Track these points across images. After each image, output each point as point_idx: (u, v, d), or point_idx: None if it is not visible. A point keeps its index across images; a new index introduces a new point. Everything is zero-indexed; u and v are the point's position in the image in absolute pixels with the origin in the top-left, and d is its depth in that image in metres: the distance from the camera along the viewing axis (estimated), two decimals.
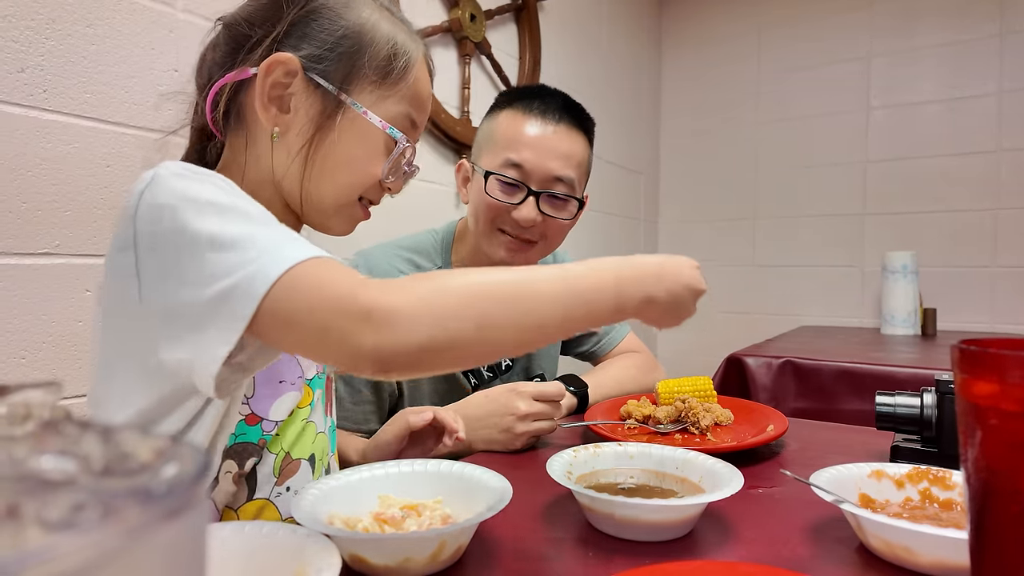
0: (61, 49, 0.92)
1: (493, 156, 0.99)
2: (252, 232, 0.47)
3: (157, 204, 0.49)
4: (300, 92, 0.61)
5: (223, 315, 0.44)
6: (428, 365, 0.46)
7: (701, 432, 0.86)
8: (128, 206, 0.51)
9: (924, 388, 0.75)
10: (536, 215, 0.97)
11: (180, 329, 0.47)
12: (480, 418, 0.84)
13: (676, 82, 2.89)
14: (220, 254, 0.45)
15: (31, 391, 0.20)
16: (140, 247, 0.49)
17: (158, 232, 0.48)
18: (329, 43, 0.61)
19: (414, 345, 0.44)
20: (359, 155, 0.63)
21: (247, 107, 0.62)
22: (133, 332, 0.52)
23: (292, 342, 0.46)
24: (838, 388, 1.55)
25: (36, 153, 0.90)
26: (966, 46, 2.30)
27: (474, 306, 0.46)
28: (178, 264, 0.47)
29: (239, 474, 0.62)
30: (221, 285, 0.45)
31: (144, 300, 0.50)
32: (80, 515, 0.14)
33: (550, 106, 0.99)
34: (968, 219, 2.30)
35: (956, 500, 0.57)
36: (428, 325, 0.44)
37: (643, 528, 0.55)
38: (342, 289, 0.44)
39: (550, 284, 0.48)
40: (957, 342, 0.37)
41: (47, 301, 0.92)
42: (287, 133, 0.61)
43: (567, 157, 0.98)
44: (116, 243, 0.52)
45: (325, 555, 0.42)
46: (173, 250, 0.47)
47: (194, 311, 0.46)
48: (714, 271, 2.81)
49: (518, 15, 1.94)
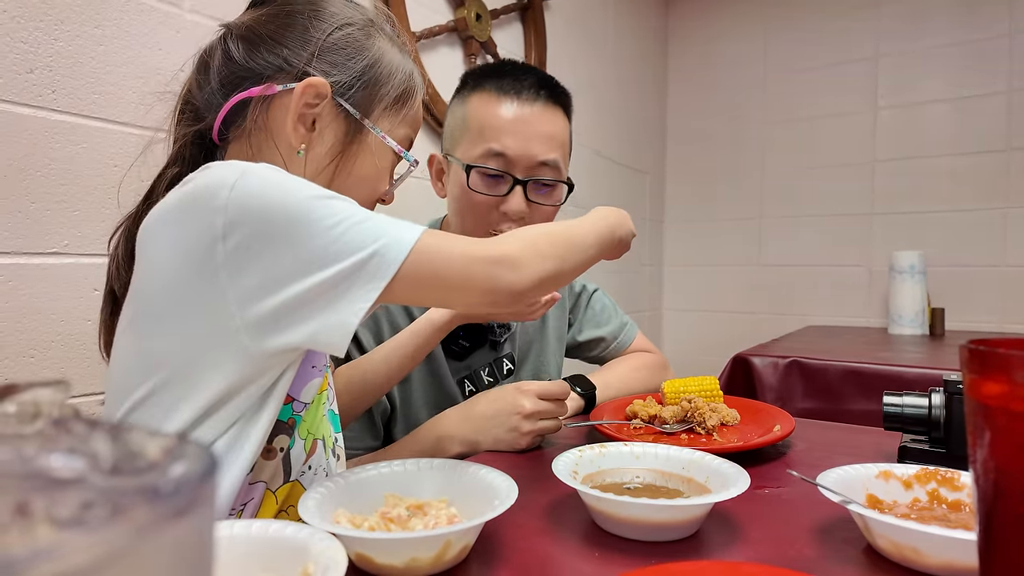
0: (69, 50, 0.93)
1: (471, 146, 0.93)
2: (367, 213, 0.55)
3: (261, 195, 0.52)
4: (326, 114, 0.66)
5: (361, 280, 0.52)
6: (543, 290, 0.61)
7: (707, 432, 0.86)
8: (211, 198, 0.51)
9: (932, 388, 0.75)
10: (525, 206, 0.93)
11: (310, 308, 0.52)
12: (486, 417, 0.84)
13: (682, 82, 2.89)
14: (351, 233, 0.52)
15: (40, 390, 0.20)
16: (239, 239, 0.51)
17: (273, 224, 0.51)
18: (356, 72, 0.67)
19: (535, 277, 0.59)
20: (373, 174, 0.70)
21: (260, 120, 0.64)
22: (208, 325, 0.53)
23: (437, 294, 0.58)
24: (845, 388, 1.54)
25: (45, 153, 0.91)
26: (975, 46, 2.28)
27: (557, 246, 0.62)
28: (306, 250, 0.51)
29: (269, 448, 0.63)
30: (359, 256, 0.52)
31: (240, 291, 0.52)
32: (89, 513, 0.14)
33: (524, 84, 0.93)
34: (977, 218, 2.29)
35: (965, 501, 0.56)
36: (539, 263, 0.59)
37: (649, 528, 0.55)
38: (470, 246, 0.57)
39: (586, 231, 0.68)
40: (965, 342, 0.37)
41: (56, 300, 0.93)
42: (309, 150, 0.66)
43: (550, 138, 0.93)
44: (186, 237, 0.53)
45: (331, 554, 0.42)
46: (294, 239, 0.51)
47: (330, 287, 0.52)
48: (720, 271, 2.81)
49: (524, 15, 1.94)
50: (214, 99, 0.66)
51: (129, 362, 0.58)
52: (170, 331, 0.55)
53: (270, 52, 0.64)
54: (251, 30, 0.66)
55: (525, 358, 1.13)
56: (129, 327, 0.58)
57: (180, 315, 0.54)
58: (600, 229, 0.70)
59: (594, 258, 0.69)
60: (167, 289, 0.54)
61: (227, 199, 0.51)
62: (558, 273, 0.61)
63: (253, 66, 0.64)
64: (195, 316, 0.54)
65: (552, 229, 0.64)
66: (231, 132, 0.66)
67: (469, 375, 1.04)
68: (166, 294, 0.55)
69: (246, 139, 0.66)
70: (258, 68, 0.64)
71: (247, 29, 0.66)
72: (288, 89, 0.64)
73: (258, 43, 0.65)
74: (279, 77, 0.64)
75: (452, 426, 0.85)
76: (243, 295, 0.52)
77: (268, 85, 0.64)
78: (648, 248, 2.80)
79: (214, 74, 0.65)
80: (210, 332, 0.54)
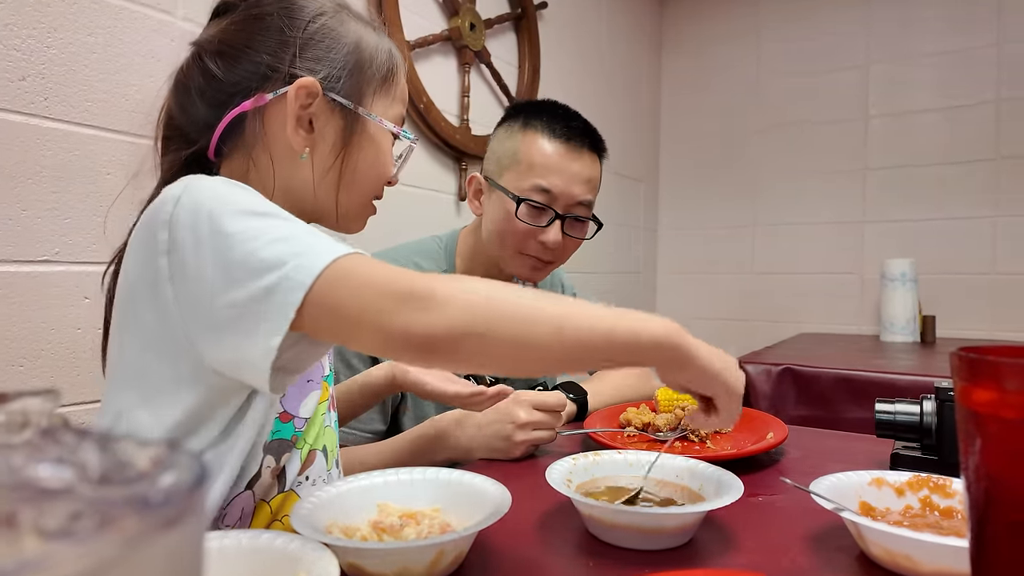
0: (62, 57, 0.93)
1: (519, 178, 1.02)
2: (294, 231, 0.50)
3: (196, 209, 0.51)
4: (322, 112, 0.64)
5: (273, 307, 0.46)
6: (458, 346, 0.47)
7: (700, 440, 0.86)
8: (159, 213, 0.52)
9: (924, 395, 0.75)
10: (561, 238, 1.03)
11: (229, 329, 0.49)
12: (481, 425, 0.84)
13: (676, 90, 2.91)
14: (265, 251, 0.48)
15: (29, 399, 0.20)
16: (177, 252, 0.51)
17: (200, 236, 0.50)
18: (339, 63, 0.65)
19: (447, 325, 0.46)
20: (378, 161, 0.69)
21: (258, 131, 0.64)
22: (166, 342, 0.53)
23: (334, 329, 0.48)
24: (838, 395, 1.54)
25: (36, 161, 0.90)
26: (964, 55, 2.31)
27: (493, 306, 0.48)
28: (222, 265, 0.48)
29: (276, 469, 0.64)
30: (269, 279, 0.47)
31: (181, 306, 0.51)
32: (77, 524, 0.14)
33: (574, 132, 1.04)
34: (967, 227, 2.31)
35: (957, 508, 0.57)
36: (459, 312, 0.46)
37: (643, 536, 0.54)
38: (388, 274, 0.47)
39: (557, 313, 0.49)
40: (956, 349, 0.37)
41: (46, 308, 0.92)
42: (313, 152, 0.65)
43: (589, 181, 1.04)
44: (143, 252, 0.53)
45: (323, 564, 0.42)
46: (215, 252, 0.49)
47: (242, 309, 0.48)
48: (714, 278, 2.82)
49: (517, 24, 1.95)
50: (204, 120, 0.64)
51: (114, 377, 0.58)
52: (135, 348, 0.55)
53: (250, 62, 0.63)
54: (224, 43, 0.64)
55: None
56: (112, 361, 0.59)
57: (140, 331, 0.55)
58: (600, 323, 0.50)
59: (561, 350, 0.48)
60: (130, 305, 0.55)
61: (171, 213, 0.51)
62: (480, 334, 0.46)
63: (237, 80, 0.63)
64: (153, 332, 0.54)
65: (501, 287, 0.50)
66: (226, 147, 0.65)
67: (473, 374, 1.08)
68: (130, 311, 0.55)
69: (245, 153, 0.64)
70: (243, 81, 0.63)
71: (220, 43, 0.64)
72: (279, 95, 0.62)
73: (236, 55, 0.63)
74: (267, 85, 0.63)
75: (447, 432, 0.86)
76: (183, 306, 0.51)
77: (259, 96, 0.62)
78: (642, 255, 2.81)
79: (197, 95, 0.64)
80: (167, 349, 0.53)
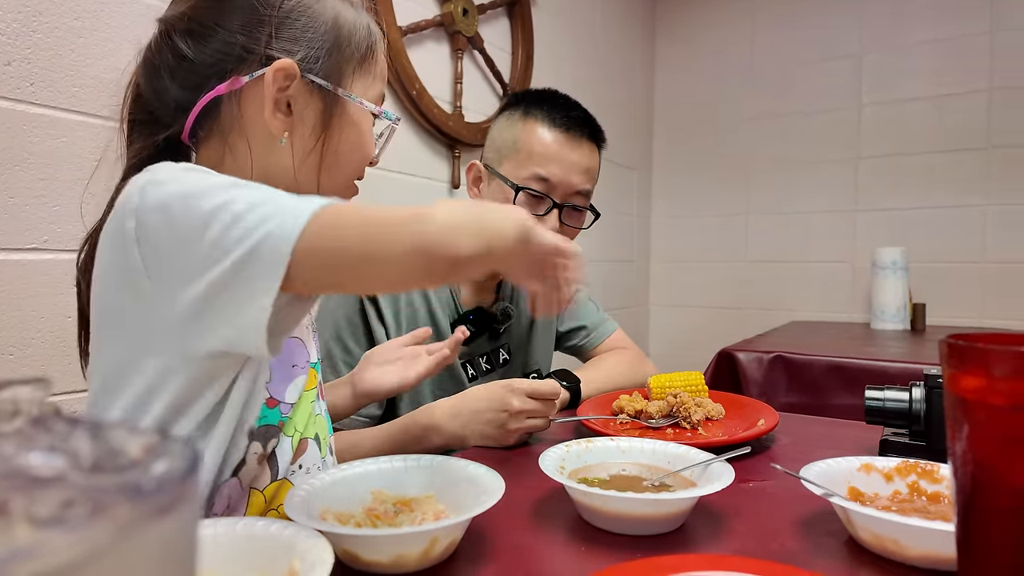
0: (48, 42, 0.91)
1: (517, 167, 1.03)
2: (267, 195, 0.48)
3: (163, 192, 0.50)
4: (300, 94, 0.62)
5: (261, 267, 0.45)
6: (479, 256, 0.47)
7: (692, 427, 0.87)
8: (126, 203, 0.51)
9: (913, 383, 0.76)
10: (558, 227, 1.03)
11: (218, 303, 0.48)
12: (475, 413, 0.84)
13: (669, 78, 2.89)
14: (245, 218, 0.46)
15: (19, 387, 0.20)
16: (149, 240, 0.49)
17: (172, 217, 0.49)
18: (317, 42, 0.63)
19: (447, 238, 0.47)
20: (359, 140, 0.68)
21: (234, 114, 0.62)
22: (150, 333, 0.52)
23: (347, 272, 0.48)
24: (828, 383, 1.56)
25: (23, 147, 0.89)
26: (956, 43, 2.31)
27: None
28: (201, 242, 0.47)
29: (263, 455, 0.63)
30: (249, 242, 0.45)
31: (162, 292, 0.50)
32: (69, 512, 0.14)
33: (574, 122, 1.04)
34: (958, 215, 2.32)
35: (944, 493, 0.57)
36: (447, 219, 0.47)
37: (635, 522, 0.55)
38: (382, 209, 0.47)
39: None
40: (945, 337, 0.37)
41: (35, 297, 0.91)
42: (292, 135, 0.63)
43: (587, 171, 1.05)
44: (114, 245, 0.52)
45: (317, 551, 0.42)
46: (191, 230, 0.47)
47: (229, 278, 0.46)
48: (707, 266, 2.82)
49: (511, 10, 1.93)
50: (177, 102, 0.61)
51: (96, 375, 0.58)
52: (114, 344, 0.55)
53: (224, 43, 0.60)
54: (194, 21, 0.61)
55: (518, 350, 1.18)
56: (94, 351, 0.59)
57: (119, 325, 0.54)
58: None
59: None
60: (105, 300, 0.55)
61: (137, 204, 0.50)
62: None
63: (210, 60, 0.60)
64: (132, 325, 0.53)
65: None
66: (201, 131, 0.63)
67: (470, 360, 1.10)
68: (106, 306, 0.55)
69: (221, 137, 0.63)
70: (217, 62, 0.60)
71: (189, 20, 0.61)
72: (256, 78, 0.60)
73: (207, 35, 0.60)
74: (242, 67, 0.60)
75: (441, 419, 0.86)
76: (164, 297, 0.50)
77: (234, 79, 0.60)
78: (636, 244, 2.81)
79: (168, 76, 0.61)
80: (148, 341, 0.53)
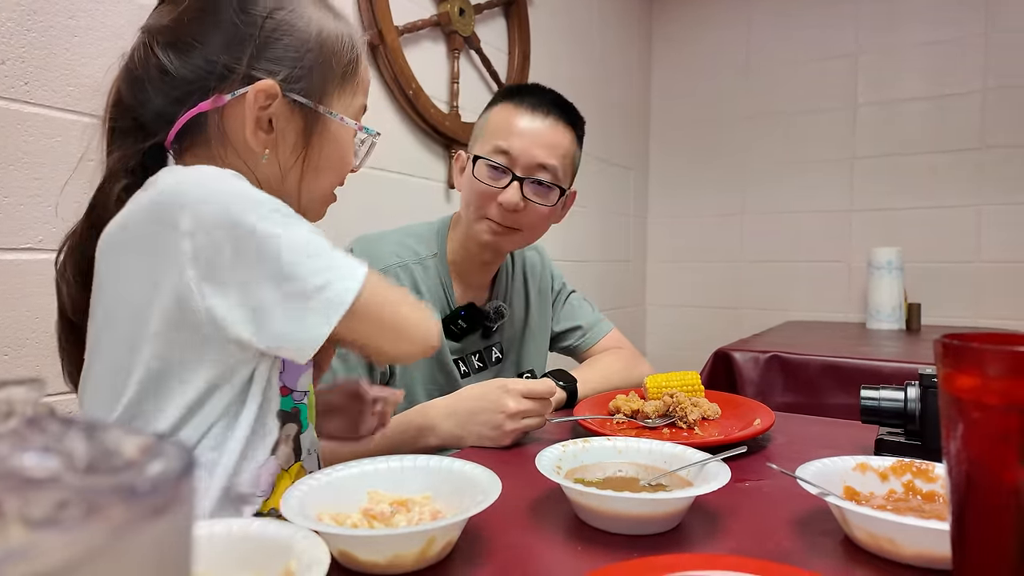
0: (42, 41, 0.91)
1: (484, 144, 1.04)
2: (321, 241, 0.57)
3: (221, 211, 0.53)
4: (281, 112, 0.63)
5: (322, 304, 0.55)
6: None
7: (689, 426, 0.87)
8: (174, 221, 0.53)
9: (908, 382, 0.76)
10: (519, 199, 1.01)
11: (276, 319, 0.55)
12: (470, 413, 0.84)
13: (666, 78, 2.90)
14: (314, 259, 0.56)
15: (14, 388, 0.20)
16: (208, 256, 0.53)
17: (239, 236, 0.53)
18: (300, 62, 0.63)
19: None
20: (339, 156, 0.69)
21: (219, 128, 0.62)
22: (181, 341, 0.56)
23: (376, 335, 0.61)
24: (824, 382, 1.56)
25: (17, 147, 0.89)
26: (951, 44, 2.32)
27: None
28: (270, 264, 0.54)
29: (290, 436, 0.66)
30: (318, 280, 0.55)
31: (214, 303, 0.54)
32: (64, 512, 0.14)
33: (541, 101, 1.04)
34: (952, 215, 2.33)
35: (939, 492, 0.58)
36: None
37: (631, 522, 0.55)
38: (399, 292, 0.63)
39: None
40: (940, 337, 0.38)
41: (29, 297, 0.91)
42: (274, 151, 0.65)
43: (552, 147, 1.03)
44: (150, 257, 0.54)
45: (313, 551, 0.42)
46: (261, 252, 0.54)
47: (293, 303, 0.55)
48: (703, 266, 2.83)
49: (507, 10, 1.93)
50: (160, 113, 0.62)
51: (103, 382, 0.59)
52: (145, 350, 0.56)
53: (206, 60, 0.61)
54: (176, 35, 0.61)
55: (510, 349, 1.18)
56: (100, 351, 0.59)
57: (154, 333, 0.56)
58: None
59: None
60: (141, 312, 0.56)
61: (192, 221, 0.53)
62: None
63: (192, 76, 0.61)
64: (172, 331, 0.55)
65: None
66: (186, 141, 0.64)
67: (462, 357, 1.10)
68: (140, 316, 0.56)
69: (206, 147, 0.63)
70: (199, 79, 0.61)
71: (171, 33, 0.61)
72: (238, 96, 0.61)
73: (189, 50, 0.61)
74: (224, 85, 0.61)
75: (437, 419, 0.86)
76: (219, 306, 0.54)
77: (216, 96, 0.61)
78: (632, 243, 2.82)
79: (150, 87, 0.62)
80: (188, 344, 0.56)
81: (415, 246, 1.08)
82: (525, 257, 1.23)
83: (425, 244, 1.09)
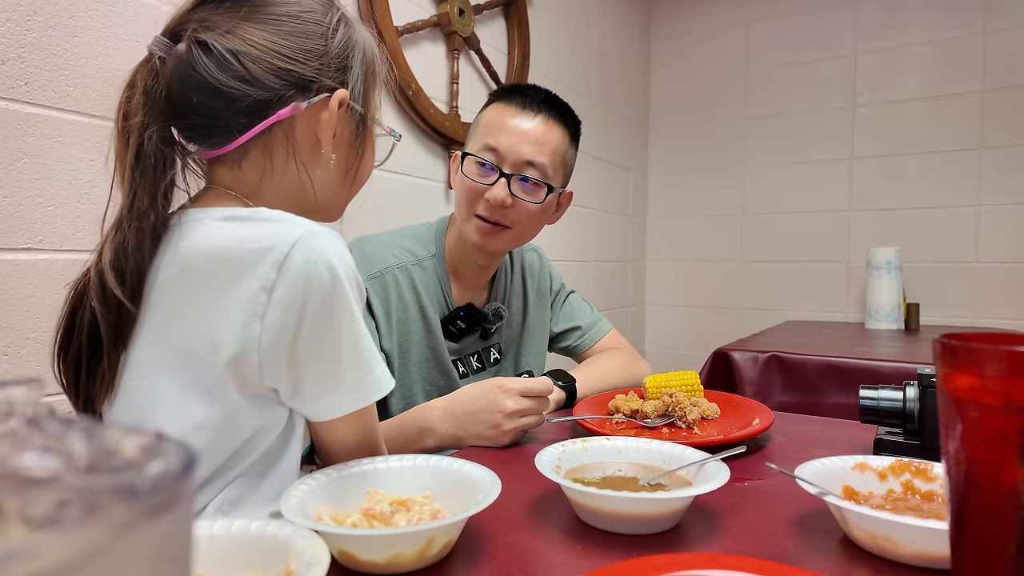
0: (43, 41, 0.91)
1: (474, 143, 1.06)
2: (371, 343, 0.63)
3: (337, 292, 0.58)
4: (342, 120, 0.67)
5: (363, 389, 0.62)
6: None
7: (688, 426, 0.87)
8: (262, 268, 0.56)
9: (907, 382, 0.76)
10: (506, 195, 1.01)
11: (322, 391, 0.61)
12: (469, 414, 0.84)
13: (665, 78, 2.90)
14: (371, 357, 0.63)
15: (13, 388, 0.20)
16: (300, 326, 0.57)
17: (337, 322, 0.58)
18: (357, 71, 0.68)
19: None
20: (373, 158, 0.74)
21: (287, 135, 0.64)
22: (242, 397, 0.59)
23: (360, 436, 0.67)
24: (823, 382, 1.56)
25: (17, 147, 0.89)
26: (950, 44, 2.32)
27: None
28: (346, 352, 0.60)
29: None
30: (369, 374, 0.62)
31: (268, 363, 0.57)
32: (64, 512, 0.14)
33: (532, 99, 1.05)
34: (951, 215, 2.33)
35: (937, 492, 0.58)
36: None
37: (631, 521, 0.55)
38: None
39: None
40: (939, 336, 0.38)
41: (30, 297, 0.91)
42: (337, 158, 0.69)
43: (540, 144, 1.03)
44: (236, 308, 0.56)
45: (313, 551, 0.42)
46: (351, 341, 0.60)
47: (343, 386, 0.61)
48: (702, 266, 2.83)
49: (507, 10, 1.93)
50: (230, 120, 0.61)
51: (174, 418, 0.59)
52: (216, 401, 0.59)
53: (283, 69, 0.62)
54: (249, 43, 0.61)
55: (509, 350, 1.18)
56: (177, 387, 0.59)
57: (225, 386, 0.58)
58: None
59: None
60: (215, 357, 0.57)
61: (281, 275, 0.55)
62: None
63: (269, 85, 0.61)
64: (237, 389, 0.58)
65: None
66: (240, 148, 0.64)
67: (461, 358, 1.11)
68: (215, 362, 0.57)
69: (263, 153, 0.64)
70: (275, 88, 0.62)
71: (242, 41, 0.60)
72: (313, 104, 0.64)
73: (263, 58, 0.61)
74: (302, 95, 0.64)
75: (435, 420, 0.86)
76: (275, 370, 0.58)
77: (295, 105, 0.63)
78: (631, 243, 2.82)
79: (218, 96, 0.60)
80: (246, 401, 0.59)
81: (413, 247, 1.08)
82: (524, 258, 1.23)
83: (423, 245, 1.09)
